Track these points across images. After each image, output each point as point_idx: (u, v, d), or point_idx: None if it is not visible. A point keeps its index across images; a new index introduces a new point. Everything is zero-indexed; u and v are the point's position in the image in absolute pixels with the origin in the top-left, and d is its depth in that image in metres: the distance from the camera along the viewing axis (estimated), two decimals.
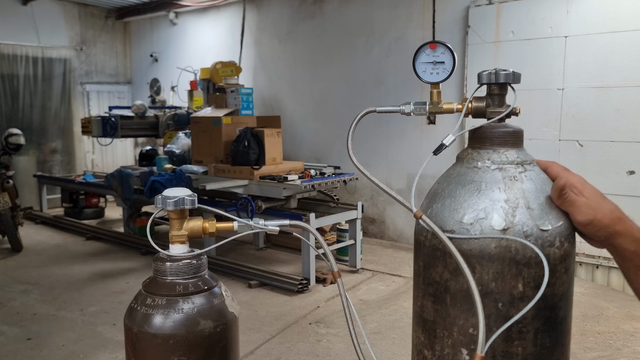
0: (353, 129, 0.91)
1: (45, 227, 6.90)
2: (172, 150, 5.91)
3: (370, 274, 4.93)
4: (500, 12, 4.96)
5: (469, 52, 5.18)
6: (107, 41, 8.99)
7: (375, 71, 6.06)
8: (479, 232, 0.78)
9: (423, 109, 0.91)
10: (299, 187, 4.71)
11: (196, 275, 0.81)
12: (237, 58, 7.30)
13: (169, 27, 8.48)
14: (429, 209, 0.86)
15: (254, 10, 7.29)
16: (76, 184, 7.05)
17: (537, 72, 4.72)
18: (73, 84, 8.55)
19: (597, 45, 4.45)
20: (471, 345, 0.80)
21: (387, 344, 3.45)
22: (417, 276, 0.89)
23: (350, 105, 6.23)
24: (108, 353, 3.36)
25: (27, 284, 4.67)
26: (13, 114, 7.88)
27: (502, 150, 0.84)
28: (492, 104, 0.87)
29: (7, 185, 5.62)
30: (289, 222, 0.86)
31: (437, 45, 0.88)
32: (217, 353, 0.95)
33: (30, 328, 3.74)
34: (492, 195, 0.80)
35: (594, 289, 4.34)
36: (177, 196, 0.80)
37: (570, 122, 4.64)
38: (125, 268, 5.13)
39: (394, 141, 5.94)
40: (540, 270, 0.75)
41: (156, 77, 8.14)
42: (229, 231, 0.88)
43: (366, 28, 6.12)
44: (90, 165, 8.83)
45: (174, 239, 0.82)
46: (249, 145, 4.96)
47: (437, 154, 0.86)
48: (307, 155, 6.61)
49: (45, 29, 8.08)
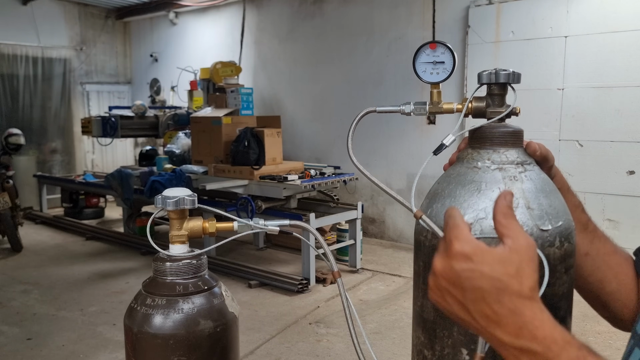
0: (353, 129, 0.91)
1: (45, 227, 6.90)
2: (172, 150, 5.91)
3: (370, 274, 4.93)
4: (500, 12, 4.96)
5: (469, 52, 5.18)
6: (107, 41, 8.99)
7: (375, 71, 6.06)
8: (479, 232, 0.78)
9: (423, 109, 0.91)
10: (299, 187, 4.72)
11: (196, 275, 0.81)
12: (237, 58, 7.30)
13: (169, 27, 8.48)
14: (429, 209, 0.86)
15: (254, 10, 7.29)
16: (76, 184, 7.05)
17: (537, 72, 4.72)
18: (73, 84, 8.55)
19: (597, 45, 4.45)
20: (471, 345, 0.80)
21: (387, 344, 3.45)
22: (417, 276, 0.89)
23: (350, 105, 6.23)
24: (108, 353, 3.36)
25: (27, 284, 4.68)
26: (13, 114, 7.89)
27: (502, 150, 0.84)
28: (492, 104, 0.87)
29: (7, 185, 5.62)
30: (289, 222, 0.86)
31: (437, 45, 0.88)
32: (217, 353, 0.95)
33: (30, 328, 3.74)
34: (492, 195, 0.80)
35: None
36: (177, 196, 0.80)
37: (570, 122, 4.64)
38: (125, 268, 5.13)
39: (394, 141, 5.94)
40: (541, 270, 0.75)
41: (156, 77, 8.14)
42: (229, 231, 0.88)
43: (366, 28, 6.12)
44: (90, 165, 8.83)
45: (174, 239, 0.82)
46: (249, 145, 4.96)
47: (437, 153, 0.86)
48: (307, 155, 6.61)
49: (45, 29, 8.08)
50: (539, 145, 0.87)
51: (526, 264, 0.59)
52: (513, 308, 0.58)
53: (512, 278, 0.58)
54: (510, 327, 0.58)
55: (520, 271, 0.59)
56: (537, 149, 0.86)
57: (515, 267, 0.59)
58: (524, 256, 0.59)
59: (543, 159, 0.87)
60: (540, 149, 0.86)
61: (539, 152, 0.86)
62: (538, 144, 0.87)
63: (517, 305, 0.58)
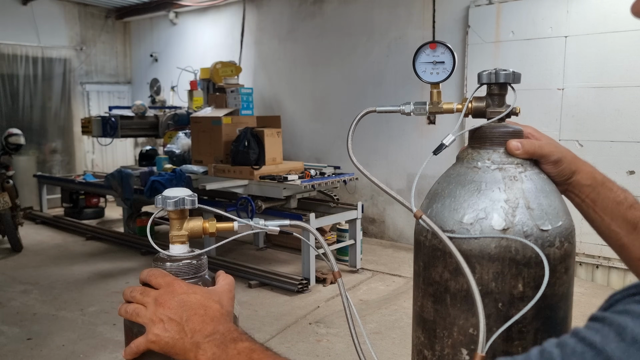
0: (353, 129, 0.91)
1: (45, 227, 6.90)
2: (172, 150, 5.91)
3: (370, 274, 4.93)
4: (500, 12, 4.96)
5: (469, 52, 5.18)
6: (107, 41, 8.99)
7: (375, 71, 6.06)
8: (479, 232, 0.78)
9: (423, 109, 0.91)
10: (299, 187, 4.71)
11: (196, 276, 0.81)
12: (237, 58, 7.30)
13: (169, 27, 8.48)
14: (429, 209, 0.86)
15: (254, 10, 7.29)
16: (76, 184, 7.04)
17: (537, 72, 4.72)
18: (73, 84, 8.55)
19: (597, 45, 4.45)
20: (471, 345, 0.80)
21: (387, 344, 3.45)
22: (417, 276, 0.89)
23: (350, 105, 6.23)
24: (108, 353, 3.36)
25: (27, 284, 4.68)
26: (13, 114, 7.88)
27: (502, 150, 0.84)
28: (492, 104, 0.87)
29: (7, 185, 5.62)
30: (289, 222, 0.86)
31: (437, 45, 0.88)
32: None
33: (30, 328, 3.74)
34: (492, 195, 0.80)
35: (594, 289, 4.34)
36: (177, 196, 0.80)
37: (570, 122, 4.64)
38: (125, 268, 5.13)
39: (394, 141, 5.94)
40: (540, 270, 0.75)
41: (156, 77, 8.14)
42: (229, 231, 0.88)
43: (366, 28, 6.11)
44: (90, 165, 8.83)
45: (174, 239, 0.82)
46: (249, 145, 4.96)
47: (437, 153, 0.86)
48: (307, 155, 6.61)
49: (45, 29, 8.08)
50: (522, 143, 0.81)
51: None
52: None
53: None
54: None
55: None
56: (518, 147, 0.81)
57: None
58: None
59: (537, 157, 0.82)
60: (525, 147, 0.81)
61: (520, 150, 0.81)
62: (522, 140, 0.82)
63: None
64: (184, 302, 0.73)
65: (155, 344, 0.71)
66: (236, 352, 0.68)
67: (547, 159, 0.83)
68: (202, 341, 0.70)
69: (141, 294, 0.75)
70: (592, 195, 0.84)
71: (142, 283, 0.79)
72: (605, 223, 0.84)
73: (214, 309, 0.73)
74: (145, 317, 0.73)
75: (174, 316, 0.71)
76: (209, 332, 0.70)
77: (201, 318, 0.71)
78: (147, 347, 0.72)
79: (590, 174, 0.85)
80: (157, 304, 0.73)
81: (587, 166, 0.86)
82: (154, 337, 0.71)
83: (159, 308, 0.72)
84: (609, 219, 0.83)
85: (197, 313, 0.72)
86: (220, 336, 0.70)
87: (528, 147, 0.82)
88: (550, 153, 0.82)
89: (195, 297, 0.74)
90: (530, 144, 0.82)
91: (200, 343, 0.69)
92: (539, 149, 0.82)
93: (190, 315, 0.72)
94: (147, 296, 0.75)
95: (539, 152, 0.82)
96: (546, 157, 0.83)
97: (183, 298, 0.73)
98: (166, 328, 0.71)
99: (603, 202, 0.83)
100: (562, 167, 0.83)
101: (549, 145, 0.83)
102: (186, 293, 0.74)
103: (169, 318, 0.71)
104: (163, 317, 0.72)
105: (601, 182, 0.85)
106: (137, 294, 0.76)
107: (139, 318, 0.74)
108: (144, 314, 0.73)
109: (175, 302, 0.73)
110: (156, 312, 0.72)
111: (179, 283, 0.76)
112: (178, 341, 0.70)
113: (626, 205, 0.83)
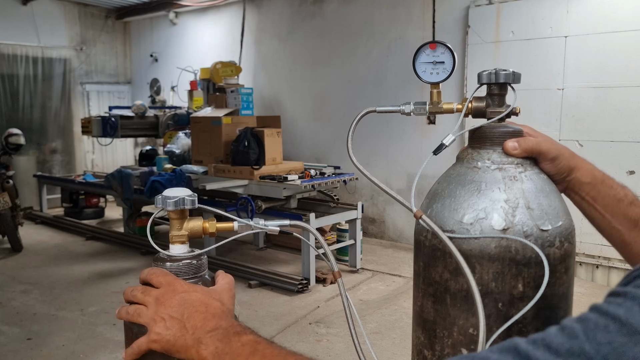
0: (353, 129, 0.91)
1: (45, 227, 6.90)
2: (172, 150, 5.91)
3: (370, 274, 4.93)
4: (500, 12, 4.96)
5: (469, 52, 5.18)
6: (107, 41, 8.99)
7: (375, 71, 6.06)
8: (479, 232, 0.78)
9: (423, 109, 0.91)
10: (299, 187, 4.71)
11: (196, 276, 0.81)
12: (237, 58, 7.30)
13: (168, 27, 8.48)
14: (429, 209, 0.86)
15: (254, 10, 7.29)
16: (76, 184, 7.04)
17: (537, 72, 4.72)
18: (73, 84, 8.55)
19: (597, 45, 4.45)
20: (471, 345, 0.80)
21: (387, 344, 3.45)
22: (417, 276, 0.89)
23: (350, 105, 6.23)
24: (108, 353, 3.36)
25: (27, 283, 4.68)
26: (13, 114, 7.88)
27: (502, 150, 0.84)
28: (492, 104, 0.87)
29: (7, 185, 5.62)
30: (289, 222, 0.86)
31: (437, 45, 0.88)
32: None
33: (30, 328, 3.74)
34: (492, 195, 0.80)
35: (594, 289, 4.34)
36: (177, 196, 0.80)
37: (570, 122, 4.64)
38: (125, 268, 5.13)
39: (394, 141, 5.94)
40: (540, 270, 0.75)
41: (156, 77, 8.13)
42: (229, 231, 0.88)
43: (366, 28, 6.11)
44: (90, 165, 8.83)
45: (174, 239, 0.82)
46: (249, 145, 4.96)
47: (437, 153, 0.86)
48: (307, 155, 6.61)
49: (45, 29, 8.08)
50: (519, 141, 0.81)
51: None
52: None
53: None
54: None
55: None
56: (515, 147, 0.81)
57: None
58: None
59: (535, 154, 0.82)
60: (523, 145, 0.81)
61: (518, 149, 0.81)
62: (519, 139, 0.82)
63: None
64: (185, 300, 0.73)
65: (156, 343, 0.71)
66: (240, 345, 0.68)
67: (545, 156, 0.83)
68: (203, 336, 0.70)
69: (142, 293, 0.75)
70: (592, 193, 0.84)
71: (142, 282, 0.79)
72: (606, 221, 0.84)
73: (215, 306, 0.74)
74: (147, 317, 0.73)
75: (175, 314, 0.71)
76: (211, 328, 0.70)
77: (202, 315, 0.72)
78: (149, 347, 0.72)
79: (590, 172, 0.85)
80: (158, 302, 0.73)
81: (586, 163, 0.86)
82: (156, 337, 0.71)
83: (160, 307, 0.72)
84: (609, 216, 0.83)
85: (198, 310, 0.72)
86: (223, 331, 0.70)
87: (526, 144, 0.81)
88: (548, 150, 0.82)
89: (196, 295, 0.74)
90: (527, 141, 0.82)
91: (201, 338, 0.69)
92: (537, 145, 0.82)
93: (191, 313, 0.72)
94: (148, 295, 0.75)
95: (537, 149, 0.82)
96: (544, 154, 0.83)
97: (184, 296, 0.73)
98: (167, 326, 0.71)
99: (603, 199, 0.83)
100: (560, 164, 0.83)
101: (547, 142, 0.83)
102: (187, 292, 0.74)
103: (170, 316, 0.71)
104: (164, 315, 0.72)
105: (601, 179, 0.85)
106: (138, 293, 0.76)
107: (141, 318, 0.73)
108: (146, 313, 0.73)
109: (176, 301, 0.73)
110: (157, 311, 0.72)
111: (180, 282, 0.76)
112: (179, 338, 0.70)
113: (627, 202, 0.83)
